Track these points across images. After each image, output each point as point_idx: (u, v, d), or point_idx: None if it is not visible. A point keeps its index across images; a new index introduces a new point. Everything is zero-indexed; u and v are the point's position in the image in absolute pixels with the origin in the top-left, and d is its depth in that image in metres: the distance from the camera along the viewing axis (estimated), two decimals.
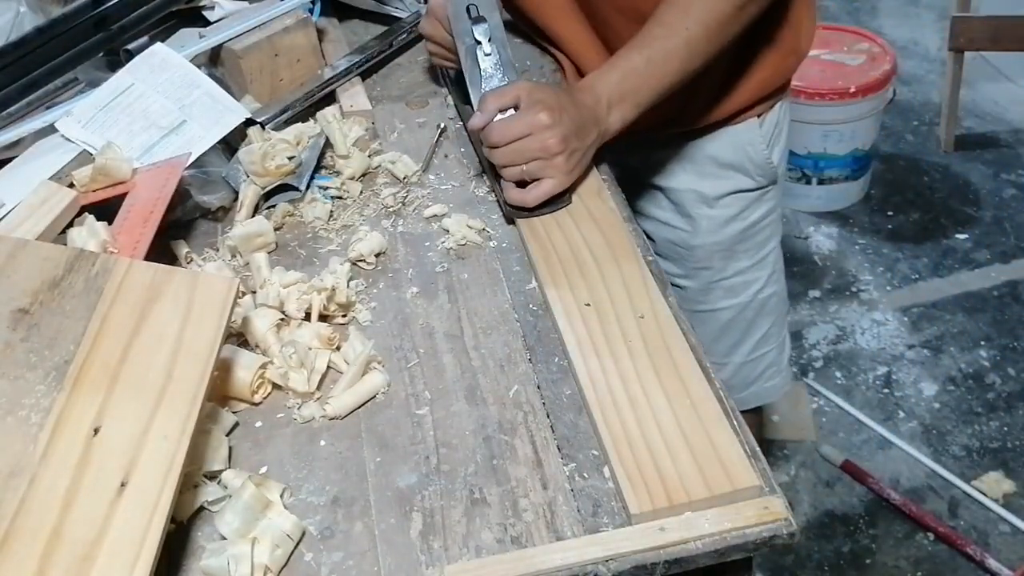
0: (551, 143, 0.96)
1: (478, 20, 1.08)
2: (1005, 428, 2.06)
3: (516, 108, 0.99)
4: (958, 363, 2.22)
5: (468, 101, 1.10)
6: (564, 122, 0.97)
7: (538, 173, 0.99)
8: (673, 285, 1.30)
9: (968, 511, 1.91)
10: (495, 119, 0.99)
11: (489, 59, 1.07)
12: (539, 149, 0.97)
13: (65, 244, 0.95)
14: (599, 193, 1.05)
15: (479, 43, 1.07)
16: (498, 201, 1.05)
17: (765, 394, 1.49)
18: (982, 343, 2.27)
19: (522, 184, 1.00)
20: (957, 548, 1.82)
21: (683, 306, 1.25)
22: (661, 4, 1.03)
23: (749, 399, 1.48)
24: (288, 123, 1.21)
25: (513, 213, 1.02)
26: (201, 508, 0.76)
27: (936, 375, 2.21)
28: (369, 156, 1.18)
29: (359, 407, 0.85)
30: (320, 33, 1.37)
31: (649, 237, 1.31)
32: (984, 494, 1.91)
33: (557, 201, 1.02)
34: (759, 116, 1.27)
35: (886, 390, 2.19)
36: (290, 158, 1.10)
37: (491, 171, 1.06)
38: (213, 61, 1.29)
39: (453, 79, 1.25)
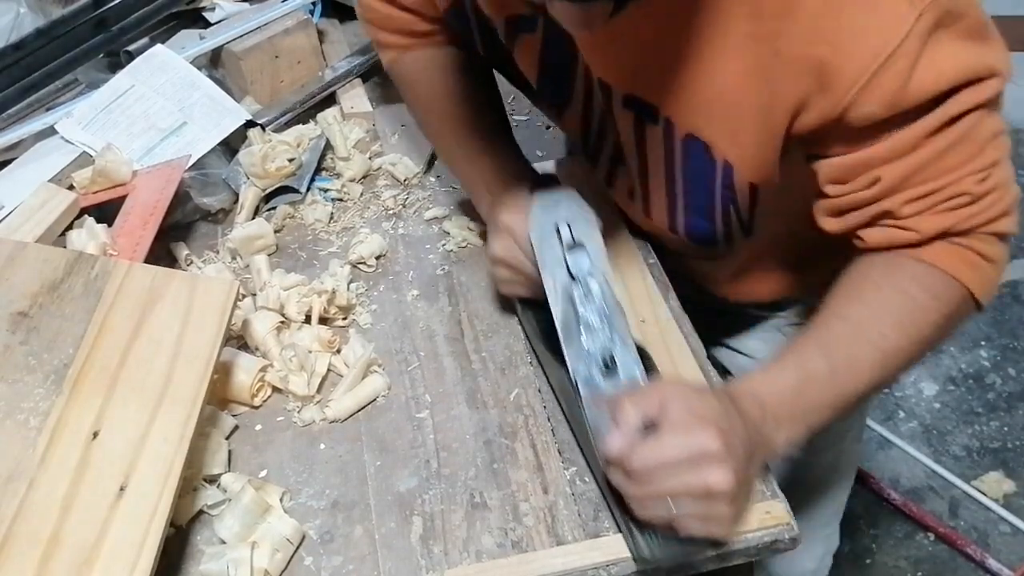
0: (718, 481, 0.64)
1: (575, 247, 0.79)
2: (1005, 428, 2.06)
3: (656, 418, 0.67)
4: (958, 363, 2.22)
5: (557, 352, 0.79)
6: (735, 449, 0.65)
7: (693, 521, 0.66)
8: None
9: (968, 511, 1.90)
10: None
11: (591, 306, 0.77)
12: (700, 488, 0.64)
13: (65, 246, 0.95)
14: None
15: (576, 280, 0.78)
16: (629, 545, 0.71)
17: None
18: (982, 343, 2.26)
19: (666, 526, 0.67)
20: (957, 548, 1.82)
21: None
22: (839, 290, 0.75)
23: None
24: (288, 125, 1.21)
25: (650, 563, 0.70)
26: (200, 512, 0.76)
27: (936, 375, 2.20)
28: (370, 158, 1.17)
29: (359, 410, 0.85)
30: (321, 35, 1.37)
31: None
32: (984, 494, 1.91)
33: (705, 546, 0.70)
34: None
35: (886, 390, 2.18)
36: (290, 160, 1.10)
37: (615, 499, 0.71)
38: (213, 63, 1.29)
39: (533, 318, 0.88)
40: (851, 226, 0.75)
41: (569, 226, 0.80)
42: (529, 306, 0.88)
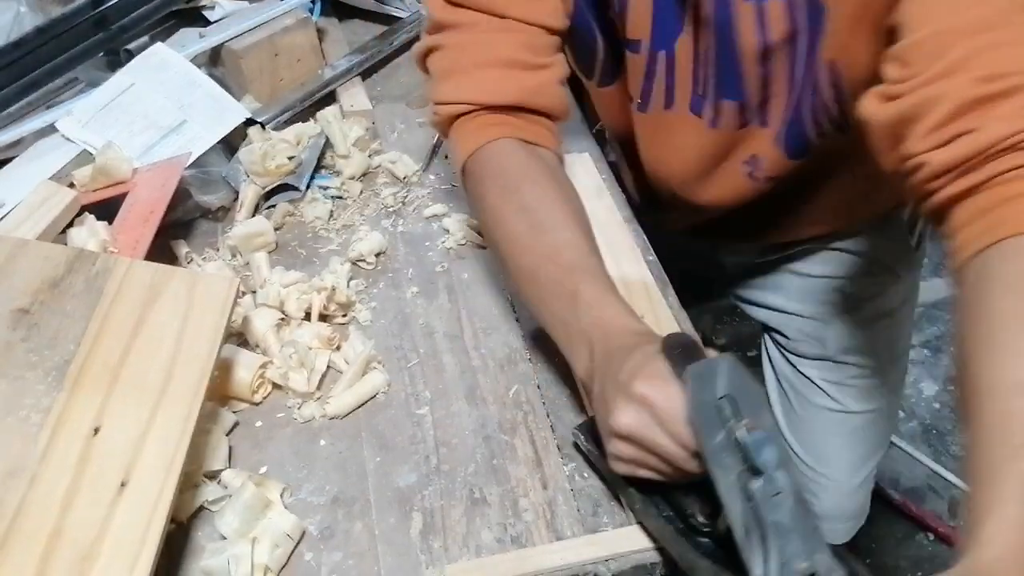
0: None
1: (754, 433, 0.60)
2: None
3: None
4: None
5: (722, 558, 0.65)
6: None
7: None
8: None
9: None
10: None
11: (780, 507, 0.59)
12: None
13: (65, 244, 0.95)
14: (599, 194, 1.05)
15: (759, 475, 0.59)
16: None
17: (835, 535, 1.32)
18: None
19: None
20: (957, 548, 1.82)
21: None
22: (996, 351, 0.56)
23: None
24: (288, 123, 1.21)
25: None
26: (201, 508, 0.76)
27: (936, 375, 2.20)
28: (369, 156, 1.18)
29: (359, 407, 0.85)
30: (320, 33, 1.37)
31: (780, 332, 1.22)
32: None
33: None
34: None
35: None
36: (290, 158, 1.10)
37: None
38: (213, 61, 1.29)
39: (655, 508, 0.71)
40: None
41: (735, 402, 0.62)
42: (653, 491, 0.71)
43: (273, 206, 1.11)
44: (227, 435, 0.82)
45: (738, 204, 1.00)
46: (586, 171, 1.09)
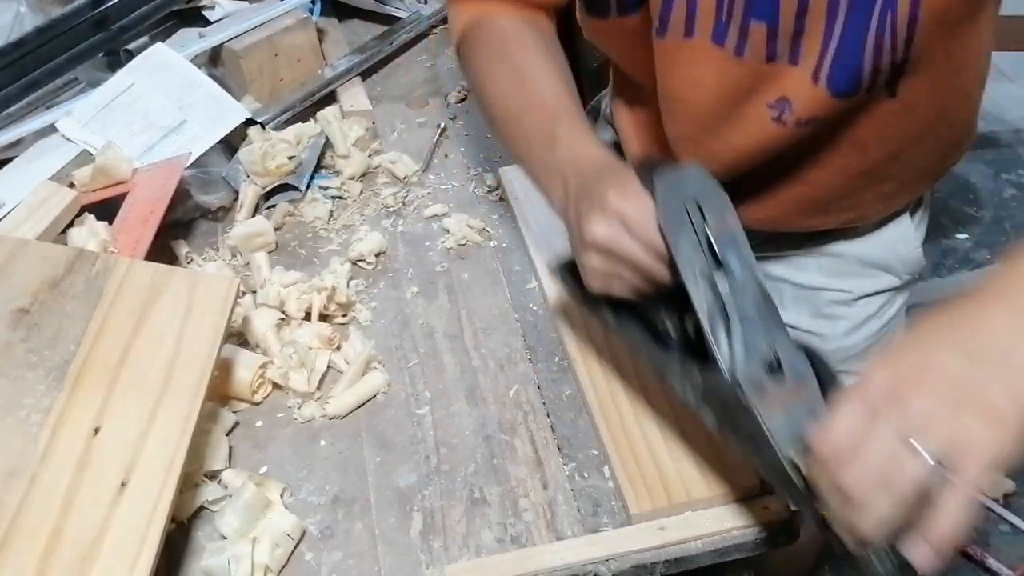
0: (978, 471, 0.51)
1: (717, 230, 0.66)
2: None
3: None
4: None
5: (690, 358, 0.68)
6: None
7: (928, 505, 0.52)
8: None
9: None
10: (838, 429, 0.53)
11: (744, 296, 0.64)
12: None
13: (65, 244, 0.95)
14: None
15: (723, 268, 0.65)
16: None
17: None
18: None
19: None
20: (957, 548, 1.82)
21: None
22: None
23: None
24: (288, 123, 1.21)
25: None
26: (201, 508, 0.77)
27: None
28: (369, 156, 1.18)
29: (359, 407, 0.85)
30: (320, 33, 1.38)
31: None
32: (984, 494, 1.91)
33: None
34: (911, 210, 1.04)
35: None
36: (290, 158, 1.10)
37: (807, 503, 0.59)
38: (213, 61, 1.29)
39: (638, 324, 0.75)
40: None
41: (701, 207, 0.67)
42: (626, 310, 0.74)
43: (273, 206, 1.11)
44: (227, 435, 0.82)
45: (763, 156, 0.89)
46: None
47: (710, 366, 0.64)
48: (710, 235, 0.66)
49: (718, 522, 0.72)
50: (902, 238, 1.04)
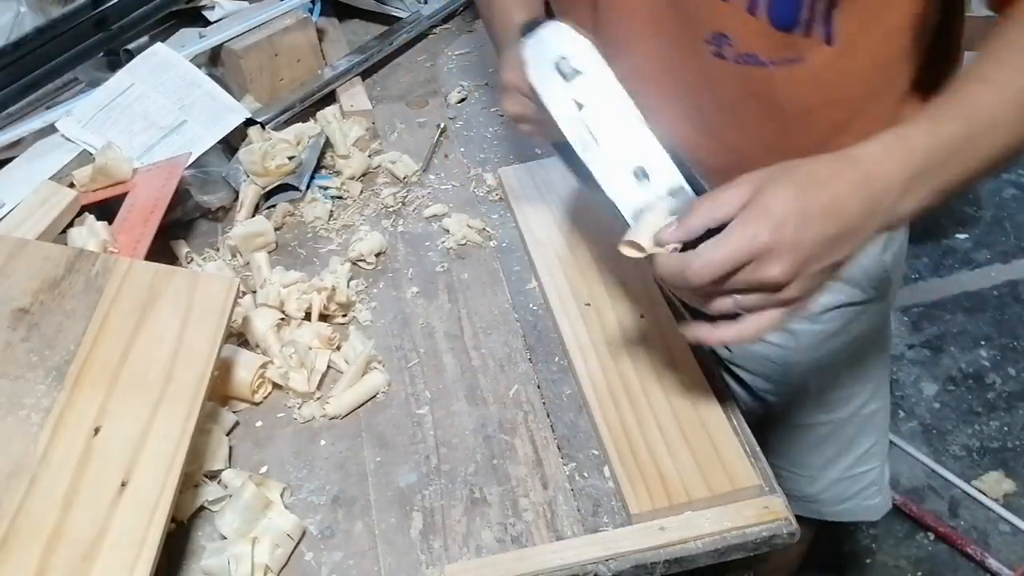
0: (774, 275, 0.63)
1: (575, 76, 0.77)
2: (1005, 428, 2.06)
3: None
4: (958, 363, 2.22)
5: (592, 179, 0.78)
6: (803, 240, 0.63)
7: (753, 308, 0.66)
8: (757, 399, 1.12)
9: (968, 511, 1.90)
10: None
11: (607, 125, 0.76)
12: (756, 282, 0.64)
13: (65, 244, 0.95)
14: None
15: (584, 107, 0.76)
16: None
17: (863, 513, 1.27)
18: (982, 343, 2.26)
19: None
20: (957, 548, 1.82)
21: (769, 419, 1.11)
22: (977, 58, 0.71)
23: (843, 514, 1.27)
24: (288, 123, 1.21)
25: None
26: (201, 508, 0.77)
27: (936, 375, 2.20)
28: (369, 156, 1.18)
29: (359, 407, 0.85)
30: (320, 33, 1.37)
31: (728, 349, 1.09)
32: (984, 494, 1.91)
33: None
34: None
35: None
36: (290, 158, 1.10)
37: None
38: (213, 61, 1.29)
39: (571, 161, 0.87)
40: None
41: (567, 59, 0.77)
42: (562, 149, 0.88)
43: (273, 206, 1.11)
44: (227, 435, 0.82)
45: (711, 99, 0.89)
46: None
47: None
48: (562, 71, 0.78)
49: (718, 522, 0.72)
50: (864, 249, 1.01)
